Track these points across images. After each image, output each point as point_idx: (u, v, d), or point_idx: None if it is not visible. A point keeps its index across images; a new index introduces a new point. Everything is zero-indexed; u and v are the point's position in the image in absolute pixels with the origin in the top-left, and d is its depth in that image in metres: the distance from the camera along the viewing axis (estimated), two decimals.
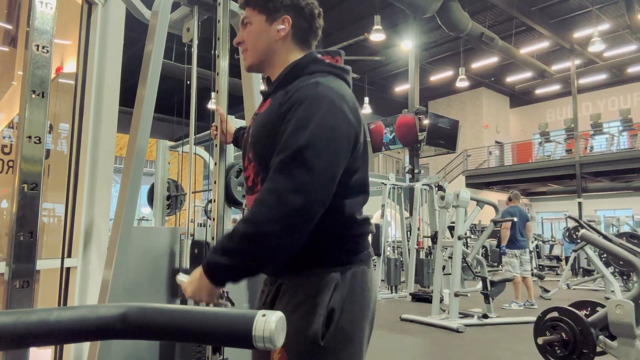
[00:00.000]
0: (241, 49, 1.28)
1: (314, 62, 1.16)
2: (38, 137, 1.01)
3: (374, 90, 20.39)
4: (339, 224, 1.10)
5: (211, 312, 0.71)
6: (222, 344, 0.71)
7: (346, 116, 1.06)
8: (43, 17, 1.02)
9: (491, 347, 4.34)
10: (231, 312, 0.70)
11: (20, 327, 0.64)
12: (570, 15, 14.82)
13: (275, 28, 1.19)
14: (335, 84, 1.11)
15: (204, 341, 0.71)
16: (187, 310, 0.73)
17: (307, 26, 1.21)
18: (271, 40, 1.20)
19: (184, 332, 0.70)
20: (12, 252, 0.98)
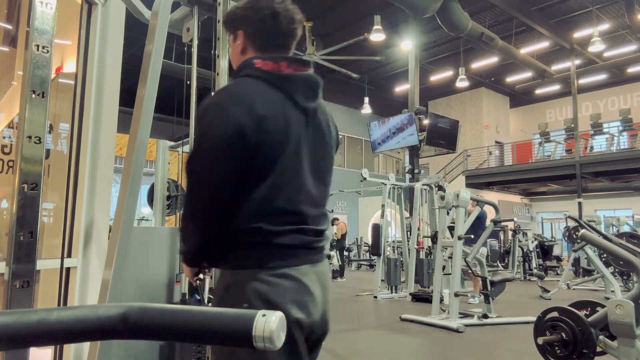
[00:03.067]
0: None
1: (245, 66, 1.22)
2: (38, 137, 1.01)
3: (374, 90, 20.40)
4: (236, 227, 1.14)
5: (211, 312, 0.71)
6: (222, 344, 0.71)
7: (232, 120, 1.09)
8: (43, 17, 1.02)
9: (491, 347, 4.34)
10: (231, 312, 0.70)
11: (20, 327, 0.64)
12: (570, 15, 14.83)
13: (236, 44, 1.29)
14: (243, 86, 1.17)
15: (204, 341, 0.71)
16: (187, 310, 0.73)
17: (264, 32, 1.24)
18: (237, 55, 1.29)
19: (184, 332, 0.70)
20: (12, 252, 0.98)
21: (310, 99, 1.21)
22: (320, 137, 1.24)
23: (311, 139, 1.22)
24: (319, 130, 1.24)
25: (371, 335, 4.78)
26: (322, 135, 1.25)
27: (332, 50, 12.79)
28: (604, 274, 7.40)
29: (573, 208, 15.53)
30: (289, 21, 1.24)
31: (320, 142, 1.25)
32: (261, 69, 1.18)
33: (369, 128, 13.22)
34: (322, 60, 13.25)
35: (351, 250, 15.39)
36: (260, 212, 1.12)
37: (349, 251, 14.74)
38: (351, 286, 9.77)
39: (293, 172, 1.17)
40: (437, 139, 11.82)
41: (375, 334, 4.87)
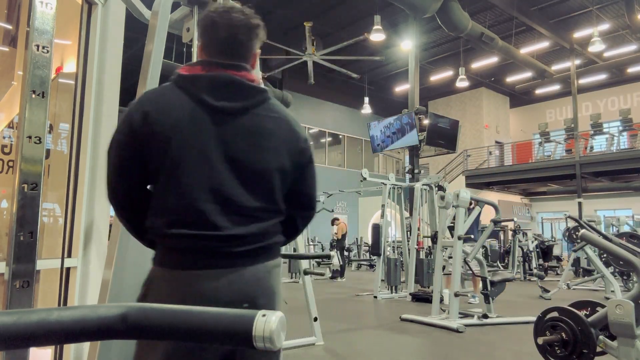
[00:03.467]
0: None
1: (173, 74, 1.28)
2: (38, 137, 1.01)
3: (374, 90, 20.40)
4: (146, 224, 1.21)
5: (211, 312, 0.71)
6: (222, 344, 0.71)
7: (129, 124, 1.17)
8: (43, 17, 1.02)
9: (491, 347, 4.34)
10: (231, 312, 0.70)
11: (20, 327, 0.64)
12: (570, 15, 14.83)
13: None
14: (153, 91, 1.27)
15: (204, 341, 0.71)
16: (187, 310, 0.73)
17: (208, 42, 1.28)
18: None
19: (183, 332, 0.70)
20: (12, 252, 0.98)
21: (225, 99, 1.20)
22: (248, 138, 1.20)
23: (231, 139, 1.19)
24: (248, 132, 1.21)
25: (371, 335, 4.78)
26: (251, 136, 1.21)
27: (332, 50, 12.79)
28: (604, 274, 7.40)
29: (573, 208, 15.53)
30: (228, 29, 1.25)
31: (249, 144, 1.20)
32: (178, 73, 1.24)
33: (369, 128, 13.22)
34: (322, 60, 13.25)
35: (351, 250, 15.39)
36: (156, 209, 1.18)
37: (349, 251, 14.74)
38: (351, 286, 9.77)
39: (192, 169, 1.15)
40: (437, 139, 11.82)
41: (375, 334, 4.87)
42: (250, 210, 1.19)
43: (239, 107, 1.21)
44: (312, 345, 4.23)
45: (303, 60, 13.19)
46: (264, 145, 1.23)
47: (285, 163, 1.26)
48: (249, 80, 1.24)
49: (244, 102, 1.22)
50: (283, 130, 1.27)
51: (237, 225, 1.17)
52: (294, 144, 1.29)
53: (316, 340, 4.28)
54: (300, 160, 1.30)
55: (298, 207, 1.35)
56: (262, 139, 1.22)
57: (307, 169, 1.34)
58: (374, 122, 13.30)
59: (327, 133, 20.57)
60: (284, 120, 1.29)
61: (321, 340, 4.31)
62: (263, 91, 1.26)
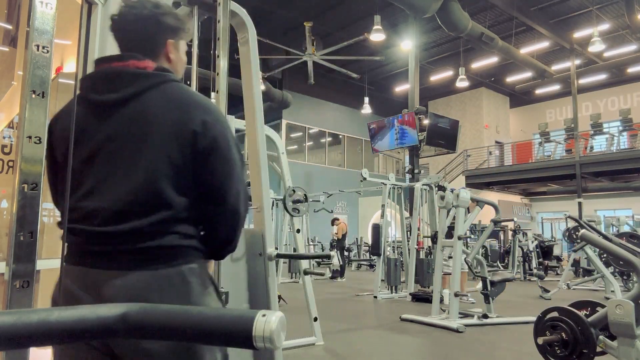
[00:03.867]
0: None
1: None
2: (38, 137, 1.01)
3: (374, 90, 20.40)
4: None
5: (211, 312, 0.71)
6: (222, 344, 0.71)
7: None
8: (43, 17, 1.02)
9: (491, 347, 4.34)
10: (231, 312, 0.70)
11: (20, 327, 0.64)
12: (570, 15, 14.83)
13: None
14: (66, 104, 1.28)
15: (204, 341, 0.71)
16: (187, 310, 0.73)
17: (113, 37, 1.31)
18: None
19: (184, 332, 0.70)
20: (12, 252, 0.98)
21: (107, 92, 1.15)
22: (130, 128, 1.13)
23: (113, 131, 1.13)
24: (129, 121, 1.13)
25: (371, 335, 4.78)
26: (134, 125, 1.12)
27: (332, 50, 12.79)
28: (604, 274, 7.40)
29: (573, 208, 15.53)
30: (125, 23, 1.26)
31: (130, 134, 1.12)
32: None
33: (369, 128, 13.22)
34: (322, 60, 13.26)
35: (351, 250, 15.39)
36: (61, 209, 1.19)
37: (349, 251, 14.74)
38: (351, 286, 9.77)
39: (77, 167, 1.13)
40: (437, 139, 11.82)
41: (375, 334, 4.87)
42: (127, 206, 1.09)
43: (121, 96, 1.14)
44: (312, 345, 4.23)
45: (303, 60, 13.19)
46: (146, 133, 1.11)
47: (171, 150, 1.11)
48: (137, 68, 1.16)
49: (126, 90, 1.14)
50: (172, 114, 1.13)
51: (110, 222, 1.08)
52: (185, 128, 1.12)
53: (316, 340, 4.28)
54: (197, 146, 1.13)
55: (206, 202, 1.17)
56: (144, 126, 1.12)
57: (211, 156, 1.15)
58: (373, 122, 13.28)
59: (327, 133, 20.57)
60: (176, 102, 1.15)
61: (321, 340, 4.31)
62: (151, 75, 1.17)
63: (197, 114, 1.14)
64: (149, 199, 1.09)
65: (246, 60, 2.47)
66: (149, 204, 1.09)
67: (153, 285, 1.07)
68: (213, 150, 1.14)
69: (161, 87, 1.16)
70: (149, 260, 1.08)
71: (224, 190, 1.17)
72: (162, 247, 1.09)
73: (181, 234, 1.13)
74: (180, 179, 1.12)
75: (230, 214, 1.20)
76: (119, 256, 1.07)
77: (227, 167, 1.17)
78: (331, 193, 12.37)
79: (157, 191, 1.09)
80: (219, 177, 1.16)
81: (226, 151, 1.17)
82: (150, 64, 1.19)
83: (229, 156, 1.18)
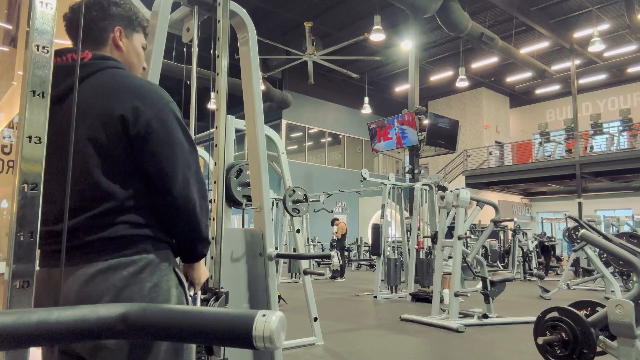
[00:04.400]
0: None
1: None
2: (38, 137, 1.01)
3: (374, 90, 20.40)
4: None
5: (211, 312, 0.71)
6: (222, 344, 0.71)
7: None
8: (43, 17, 1.02)
9: (491, 347, 4.34)
10: (231, 312, 0.70)
11: (20, 327, 0.64)
12: (570, 15, 14.83)
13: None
14: None
15: (204, 341, 0.71)
16: (187, 310, 0.73)
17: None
18: None
19: (184, 332, 0.70)
20: (12, 252, 0.98)
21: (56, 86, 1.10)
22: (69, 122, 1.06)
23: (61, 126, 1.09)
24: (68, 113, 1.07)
25: (371, 335, 4.78)
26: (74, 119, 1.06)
27: (332, 50, 12.79)
28: (604, 274, 7.40)
29: (573, 208, 15.53)
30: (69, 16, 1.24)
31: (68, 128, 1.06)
32: None
33: (369, 128, 13.22)
34: (322, 60, 13.26)
35: (351, 250, 15.40)
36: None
37: (349, 251, 14.75)
38: (351, 286, 9.77)
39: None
40: (437, 139, 11.82)
41: (375, 334, 4.87)
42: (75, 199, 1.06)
43: (60, 92, 1.12)
44: (312, 345, 4.23)
45: (303, 60, 13.19)
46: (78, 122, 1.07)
47: (101, 139, 1.07)
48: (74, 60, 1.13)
49: (64, 84, 1.12)
50: (99, 102, 1.10)
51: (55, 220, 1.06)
52: (112, 115, 1.08)
53: (316, 340, 4.28)
54: (129, 133, 1.08)
55: (152, 191, 1.12)
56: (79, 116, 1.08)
57: (147, 142, 1.09)
58: (373, 122, 13.28)
59: (327, 133, 20.57)
60: (107, 90, 1.11)
61: (321, 340, 4.31)
62: (86, 65, 1.14)
63: (126, 100, 1.10)
64: (87, 193, 1.07)
65: (246, 60, 2.47)
66: (87, 198, 1.07)
67: (97, 279, 1.04)
68: (148, 136, 1.09)
69: (96, 75, 1.13)
70: (95, 254, 1.06)
71: (167, 177, 1.11)
72: (108, 239, 1.06)
73: (129, 223, 1.08)
74: (117, 168, 1.09)
75: (180, 203, 1.12)
76: (69, 253, 1.04)
77: (167, 152, 1.11)
78: (331, 193, 12.37)
79: (93, 184, 1.07)
80: (159, 164, 1.10)
81: (164, 135, 1.11)
82: (88, 54, 1.16)
83: (169, 140, 1.11)
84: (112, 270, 1.05)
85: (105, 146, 1.08)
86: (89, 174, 1.07)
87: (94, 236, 1.06)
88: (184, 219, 1.14)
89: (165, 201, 1.12)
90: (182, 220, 1.15)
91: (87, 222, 1.07)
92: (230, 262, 2.31)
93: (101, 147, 1.08)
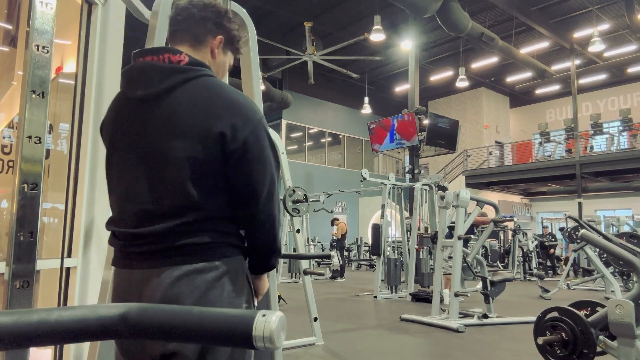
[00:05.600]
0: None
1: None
2: (38, 137, 1.01)
3: (374, 90, 20.40)
4: None
5: (211, 312, 0.71)
6: (222, 344, 0.71)
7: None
8: (43, 17, 1.02)
9: (491, 347, 4.34)
10: (231, 312, 0.70)
11: (20, 327, 0.64)
12: (570, 15, 14.82)
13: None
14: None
15: (204, 341, 0.71)
16: (187, 310, 0.73)
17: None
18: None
19: (184, 332, 0.70)
20: (12, 252, 0.98)
21: (140, 88, 1.14)
22: (160, 126, 1.11)
23: (146, 129, 1.12)
24: (160, 118, 1.11)
25: (371, 335, 4.78)
26: (164, 123, 1.11)
27: (332, 50, 12.79)
28: (604, 274, 7.40)
29: (573, 208, 15.53)
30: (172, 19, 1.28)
31: (160, 132, 1.11)
32: None
33: (369, 128, 13.22)
34: (322, 60, 13.26)
35: (351, 250, 15.39)
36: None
37: (349, 251, 14.74)
38: (351, 286, 9.77)
39: (119, 168, 1.16)
40: (437, 139, 11.82)
41: (375, 334, 4.87)
42: (158, 206, 1.09)
43: (154, 93, 1.12)
44: (312, 345, 4.23)
45: (303, 60, 13.19)
46: (174, 131, 1.10)
47: (197, 150, 1.09)
48: (171, 62, 1.13)
49: (158, 86, 1.12)
50: (198, 115, 1.10)
51: (144, 223, 1.09)
52: (208, 127, 1.09)
53: (316, 340, 4.28)
54: (226, 149, 1.10)
55: (237, 206, 1.15)
56: (173, 124, 1.10)
57: (242, 159, 1.12)
58: (374, 122, 13.27)
59: (327, 133, 20.57)
60: (204, 102, 1.12)
61: (321, 340, 4.31)
62: (183, 71, 1.13)
63: (224, 116, 1.11)
64: (178, 201, 1.09)
65: (246, 60, 2.47)
66: (178, 206, 1.09)
67: (183, 281, 1.06)
68: (244, 153, 1.12)
69: (191, 83, 1.13)
70: (181, 257, 1.08)
71: (256, 193, 1.14)
72: (194, 245, 1.09)
73: (215, 231, 1.11)
74: (210, 181, 1.11)
75: (263, 217, 1.17)
76: (154, 255, 1.09)
77: (258, 169, 1.14)
78: (331, 193, 12.36)
79: (185, 193, 1.09)
80: (249, 180, 1.14)
81: (257, 153, 1.14)
82: (184, 58, 1.16)
83: (260, 158, 1.14)
84: (196, 273, 1.08)
85: (201, 161, 1.10)
86: (182, 184, 1.09)
87: (182, 241, 1.08)
88: (265, 233, 1.19)
89: (250, 214, 1.16)
90: (262, 234, 1.19)
91: (177, 228, 1.09)
92: None
93: (197, 161, 1.09)
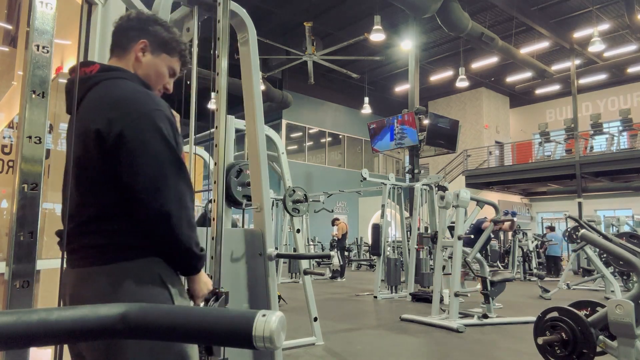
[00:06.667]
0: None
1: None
2: (38, 137, 1.01)
3: (374, 90, 20.40)
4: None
5: (211, 312, 0.71)
6: (222, 344, 0.71)
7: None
8: (43, 17, 1.02)
9: (491, 347, 4.34)
10: (231, 312, 0.70)
11: (20, 327, 0.64)
12: (570, 15, 14.82)
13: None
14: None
15: (204, 341, 0.71)
16: (187, 310, 0.73)
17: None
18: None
19: (184, 332, 0.70)
20: (12, 252, 0.98)
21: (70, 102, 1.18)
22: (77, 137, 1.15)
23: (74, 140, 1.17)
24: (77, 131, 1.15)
25: (371, 335, 4.78)
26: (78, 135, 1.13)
27: (332, 50, 12.79)
28: (604, 274, 7.40)
29: (573, 208, 15.52)
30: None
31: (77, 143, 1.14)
32: None
33: (369, 128, 13.21)
34: (322, 60, 13.25)
35: (351, 250, 15.39)
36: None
37: (349, 251, 14.74)
38: (351, 286, 9.76)
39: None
40: (437, 139, 11.81)
41: (375, 334, 4.87)
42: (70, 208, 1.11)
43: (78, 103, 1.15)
44: (312, 345, 4.23)
45: (303, 60, 13.19)
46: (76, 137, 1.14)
47: (79, 150, 1.12)
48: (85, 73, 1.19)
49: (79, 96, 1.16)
50: (87, 113, 1.13)
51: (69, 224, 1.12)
52: (87, 126, 1.10)
53: (316, 340, 4.28)
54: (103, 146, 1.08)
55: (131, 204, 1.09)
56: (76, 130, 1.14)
57: (118, 154, 1.07)
58: (373, 122, 13.27)
59: (327, 133, 20.57)
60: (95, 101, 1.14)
61: (321, 340, 4.31)
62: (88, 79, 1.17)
63: (102, 113, 1.10)
64: (74, 202, 1.13)
65: (246, 60, 2.47)
66: (75, 206, 1.12)
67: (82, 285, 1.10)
68: (119, 147, 1.07)
69: (94, 89, 1.17)
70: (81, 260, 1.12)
71: (139, 188, 1.07)
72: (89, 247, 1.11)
73: (110, 231, 1.09)
74: (95, 179, 1.11)
75: (151, 214, 1.07)
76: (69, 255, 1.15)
77: (138, 163, 1.07)
78: (331, 193, 12.36)
79: (79, 193, 1.13)
80: (129, 176, 1.07)
81: (136, 146, 1.07)
82: (94, 67, 1.20)
83: (141, 152, 1.07)
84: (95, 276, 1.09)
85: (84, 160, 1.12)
86: (76, 185, 1.14)
87: (81, 242, 1.12)
88: (160, 231, 1.09)
89: (138, 212, 1.09)
90: (158, 232, 1.10)
91: (77, 228, 1.12)
92: (230, 262, 2.31)
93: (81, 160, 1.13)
